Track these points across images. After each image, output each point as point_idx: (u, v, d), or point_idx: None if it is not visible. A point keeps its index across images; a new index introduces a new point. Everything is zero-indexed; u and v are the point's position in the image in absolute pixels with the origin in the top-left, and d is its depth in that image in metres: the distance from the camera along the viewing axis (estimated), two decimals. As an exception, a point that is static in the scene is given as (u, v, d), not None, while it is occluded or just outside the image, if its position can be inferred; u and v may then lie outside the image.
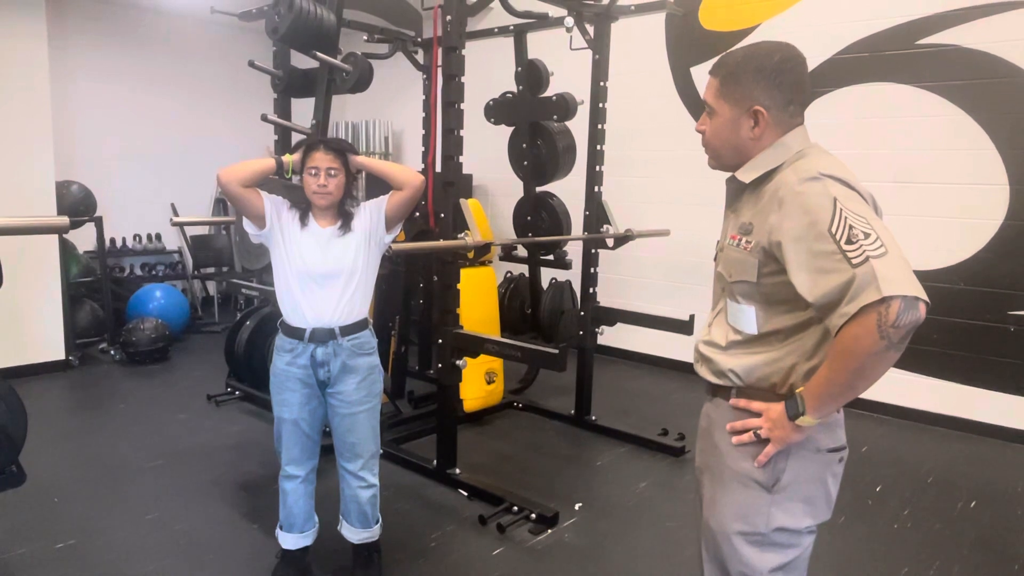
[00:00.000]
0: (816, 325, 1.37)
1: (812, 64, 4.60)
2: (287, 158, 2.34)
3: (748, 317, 1.43)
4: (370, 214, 2.40)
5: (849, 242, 1.21)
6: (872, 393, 4.60)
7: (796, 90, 1.41)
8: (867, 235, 1.21)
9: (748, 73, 1.39)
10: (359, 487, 2.52)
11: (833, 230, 1.23)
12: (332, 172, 2.28)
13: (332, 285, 2.32)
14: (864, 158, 4.44)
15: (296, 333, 2.34)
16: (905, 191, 4.34)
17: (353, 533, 2.59)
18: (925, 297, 1.18)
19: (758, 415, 1.41)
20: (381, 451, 2.65)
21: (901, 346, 1.19)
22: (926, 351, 4.33)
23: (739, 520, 1.44)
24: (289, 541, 2.55)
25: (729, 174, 1.51)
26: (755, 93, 1.39)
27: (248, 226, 2.35)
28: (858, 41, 4.46)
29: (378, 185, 2.41)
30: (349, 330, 2.37)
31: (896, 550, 2.91)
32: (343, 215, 2.36)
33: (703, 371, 1.55)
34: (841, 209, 1.24)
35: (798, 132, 1.43)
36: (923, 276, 4.28)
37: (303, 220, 2.34)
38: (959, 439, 4.19)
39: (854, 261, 1.20)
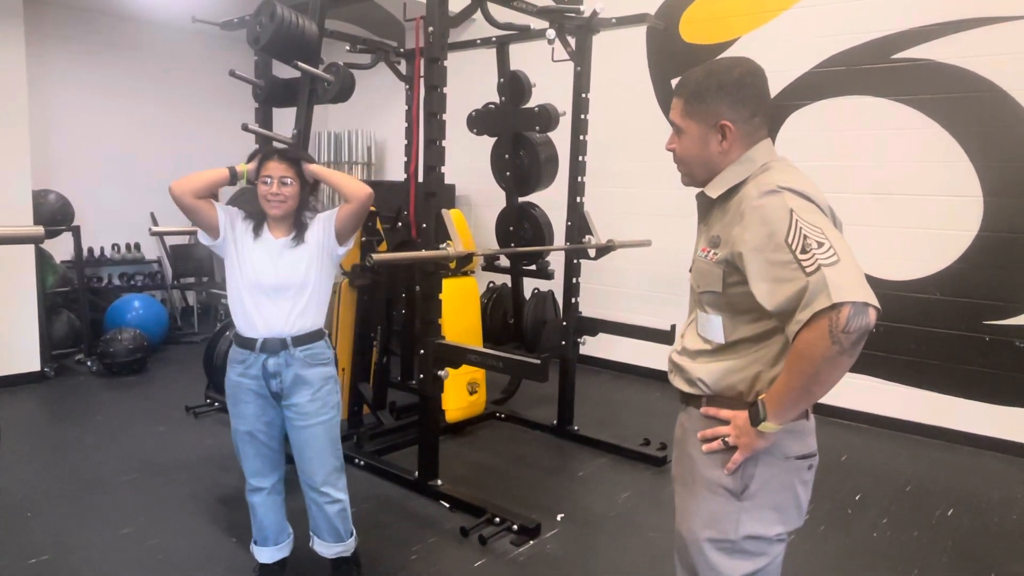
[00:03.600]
0: (779, 334, 1.41)
1: (790, 77, 4.70)
2: (241, 167, 2.31)
3: (716, 326, 1.47)
4: (322, 226, 2.37)
5: (803, 251, 1.25)
6: (850, 402, 4.66)
7: (759, 102, 1.45)
8: (820, 244, 1.25)
9: (711, 90, 1.43)
10: (324, 503, 2.46)
11: (789, 240, 1.27)
12: (286, 181, 2.26)
13: (283, 297, 2.29)
14: (841, 170, 4.50)
15: (247, 343, 2.31)
16: (881, 203, 4.40)
17: (326, 548, 2.54)
18: (875, 303, 1.22)
19: (727, 423, 1.44)
20: (344, 463, 2.60)
21: (854, 351, 1.23)
22: (903, 360, 4.39)
23: (709, 527, 1.46)
24: (265, 555, 2.52)
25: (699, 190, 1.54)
26: (720, 109, 1.43)
27: (203, 236, 2.34)
28: (835, 55, 4.54)
29: None
30: (301, 341, 2.33)
31: (875, 558, 2.93)
32: (297, 226, 2.33)
33: (676, 381, 1.58)
34: (797, 220, 1.29)
35: (763, 146, 1.47)
36: (899, 286, 4.37)
37: (257, 231, 2.31)
38: (936, 447, 4.24)
39: (807, 269, 1.24)
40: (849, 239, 1.33)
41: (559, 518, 3.18)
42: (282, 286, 2.29)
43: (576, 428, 4.21)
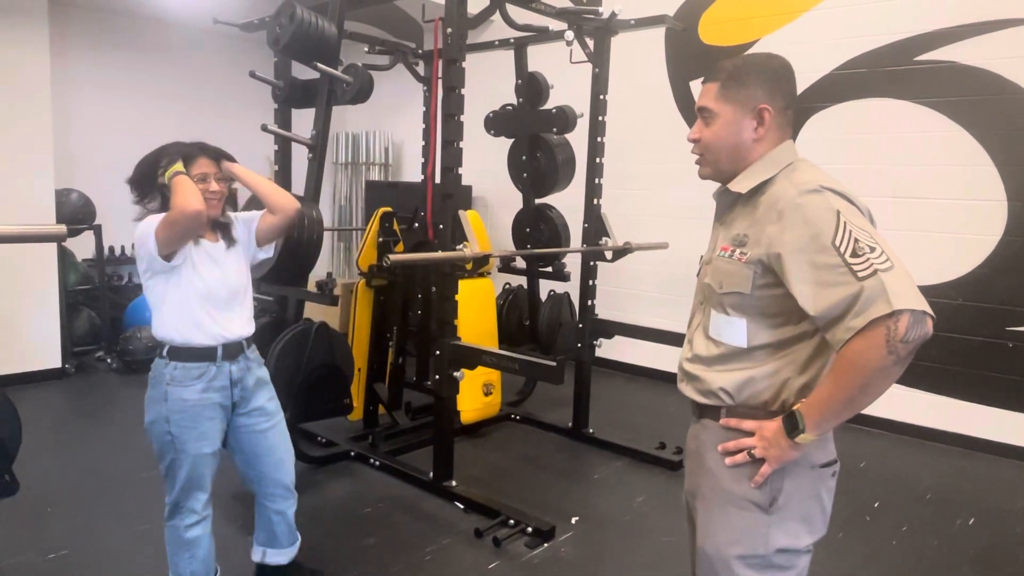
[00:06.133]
0: (809, 339, 1.36)
1: (811, 79, 4.66)
2: (177, 167, 2.11)
3: (737, 330, 1.41)
4: (244, 227, 2.29)
5: (854, 255, 1.21)
6: (870, 408, 4.51)
7: (791, 97, 1.44)
8: (873, 248, 1.21)
9: (751, 75, 1.41)
10: (288, 505, 2.39)
11: (837, 243, 1.23)
12: (219, 177, 2.17)
13: (235, 300, 2.20)
14: (862, 173, 4.45)
15: (204, 354, 2.12)
16: (903, 206, 4.34)
17: (282, 555, 2.44)
18: (932, 312, 1.18)
19: (750, 434, 1.39)
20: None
21: (907, 361, 1.19)
22: (924, 366, 4.32)
23: (737, 544, 1.41)
24: None
25: (718, 187, 1.51)
26: (759, 93, 1.41)
27: (156, 258, 2.07)
28: (857, 57, 4.49)
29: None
30: (250, 342, 2.27)
31: (894, 567, 2.89)
32: (221, 227, 2.22)
33: (688, 390, 1.53)
34: (845, 222, 1.25)
35: (788, 145, 1.45)
36: (921, 291, 4.30)
37: (196, 238, 2.15)
38: (958, 455, 4.17)
39: (860, 274, 1.19)
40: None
41: (573, 521, 3.17)
42: (234, 289, 2.19)
43: (591, 431, 4.19)
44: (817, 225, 1.26)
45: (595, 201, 4.06)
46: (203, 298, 2.11)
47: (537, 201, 4.60)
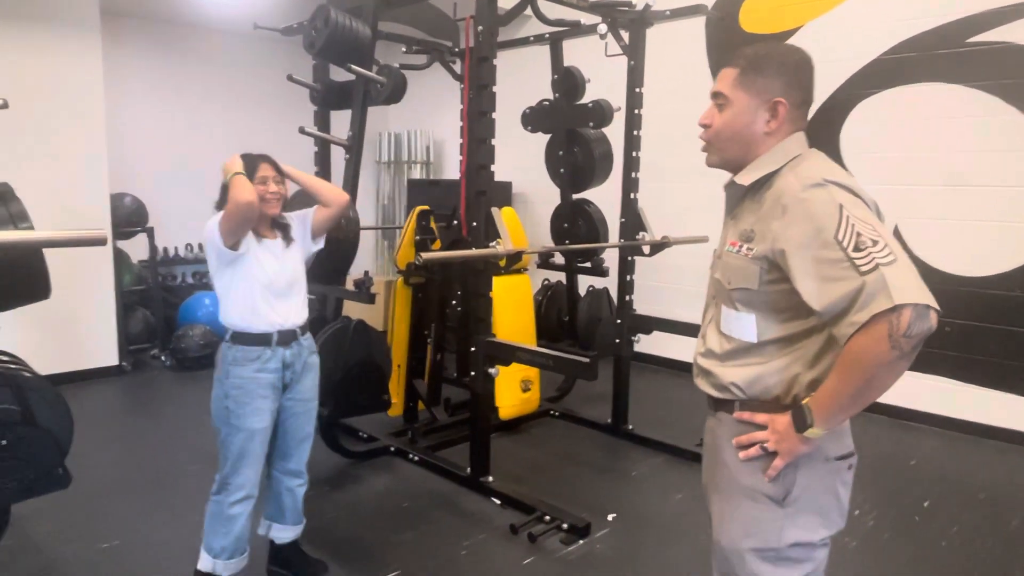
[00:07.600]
0: (818, 334, 1.34)
1: (858, 65, 4.52)
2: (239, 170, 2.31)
3: (747, 325, 1.40)
4: (300, 224, 2.54)
5: (857, 249, 1.19)
6: (921, 404, 4.46)
7: (808, 93, 1.42)
8: (875, 242, 1.19)
9: (771, 66, 1.39)
10: (298, 485, 2.58)
11: (840, 237, 1.21)
12: (278, 180, 2.40)
13: (292, 293, 2.43)
14: (913, 161, 4.29)
15: (262, 339, 2.35)
16: (957, 194, 4.17)
17: (288, 531, 2.61)
18: (936, 305, 1.16)
19: (763, 428, 1.39)
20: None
21: (912, 355, 1.17)
22: (981, 361, 4.16)
23: (751, 536, 1.41)
24: (231, 567, 2.42)
25: (727, 179, 1.49)
26: (776, 85, 1.38)
27: (223, 249, 2.28)
28: (906, 41, 4.33)
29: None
30: (304, 330, 2.48)
31: (943, 569, 2.79)
32: (281, 227, 2.46)
33: (704, 385, 1.53)
34: (848, 216, 1.23)
35: (798, 137, 1.42)
36: (977, 283, 4.15)
37: (257, 234, 2.38)
38: (1014, 453, 4.00)
39: (862, 268, 1.18)
40: (922, 233, 1.27)
41: (610, 518, 3.15)
42: (292, 283, 2.42)
43: (630, 427, 4.16)
44: (820, 220, 1.24)
45: (632, 195, 4.02)
46: (264, 287, 2.35)
47: (575, 196, 4.58)
